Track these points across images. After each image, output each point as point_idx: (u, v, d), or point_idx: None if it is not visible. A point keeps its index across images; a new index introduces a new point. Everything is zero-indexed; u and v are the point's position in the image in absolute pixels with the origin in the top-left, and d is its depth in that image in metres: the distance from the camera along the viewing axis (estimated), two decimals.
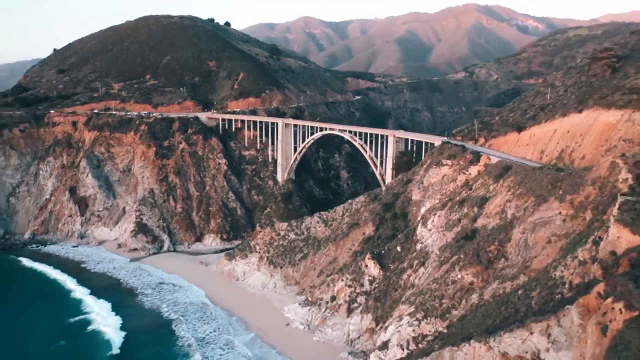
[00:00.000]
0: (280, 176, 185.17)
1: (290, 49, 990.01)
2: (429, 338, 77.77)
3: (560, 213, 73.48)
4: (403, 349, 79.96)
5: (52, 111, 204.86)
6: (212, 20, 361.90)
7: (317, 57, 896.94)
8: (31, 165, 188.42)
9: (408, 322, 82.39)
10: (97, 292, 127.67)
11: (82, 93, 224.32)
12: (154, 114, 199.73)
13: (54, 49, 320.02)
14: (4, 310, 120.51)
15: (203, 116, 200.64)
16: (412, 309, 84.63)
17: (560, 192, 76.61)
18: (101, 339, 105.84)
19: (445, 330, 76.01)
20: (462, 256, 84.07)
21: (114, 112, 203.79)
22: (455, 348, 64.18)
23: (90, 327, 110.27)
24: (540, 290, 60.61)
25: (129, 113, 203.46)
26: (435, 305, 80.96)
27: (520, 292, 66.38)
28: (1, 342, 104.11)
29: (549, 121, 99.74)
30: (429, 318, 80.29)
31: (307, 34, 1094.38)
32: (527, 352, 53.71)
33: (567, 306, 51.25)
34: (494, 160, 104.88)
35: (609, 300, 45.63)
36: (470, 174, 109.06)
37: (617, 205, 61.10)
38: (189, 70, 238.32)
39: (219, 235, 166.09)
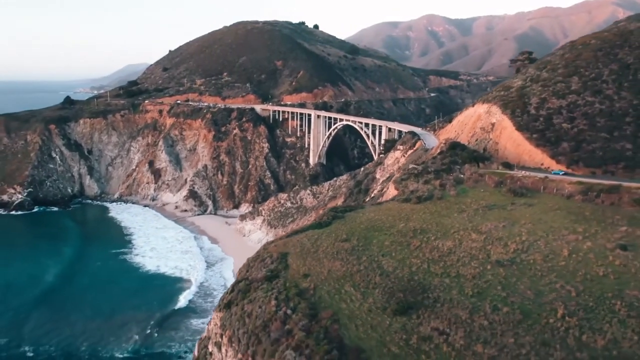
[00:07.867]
0: (311, 160, 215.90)
1: (410, 46, 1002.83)
2: None
3: None
4: None
5: (146, 101, 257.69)
6: (302, 23, 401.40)
7: (433, 55, 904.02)
8: (126, 143, 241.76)
9: None
10: (146, 236, 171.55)
11: (172, 87, 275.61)
12: (219, 105, 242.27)
13: (169, 50, 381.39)
14: (99, 238, 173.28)
15: (258, 108, 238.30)
16: None
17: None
18: (131, 264, 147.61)
19: None
20: None
21: (190, 103, 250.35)
22: None
23: (125, 256, 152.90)
24: None
25: (201, 104, 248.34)
26: None
27: None
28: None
29: (460, 114, 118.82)
30: None
31: (429, 32, 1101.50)
32: None
33: None
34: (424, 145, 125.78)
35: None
36: (408, 156, 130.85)
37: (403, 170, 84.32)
38: (258, 69, 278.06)
39: (252, 204, 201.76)
